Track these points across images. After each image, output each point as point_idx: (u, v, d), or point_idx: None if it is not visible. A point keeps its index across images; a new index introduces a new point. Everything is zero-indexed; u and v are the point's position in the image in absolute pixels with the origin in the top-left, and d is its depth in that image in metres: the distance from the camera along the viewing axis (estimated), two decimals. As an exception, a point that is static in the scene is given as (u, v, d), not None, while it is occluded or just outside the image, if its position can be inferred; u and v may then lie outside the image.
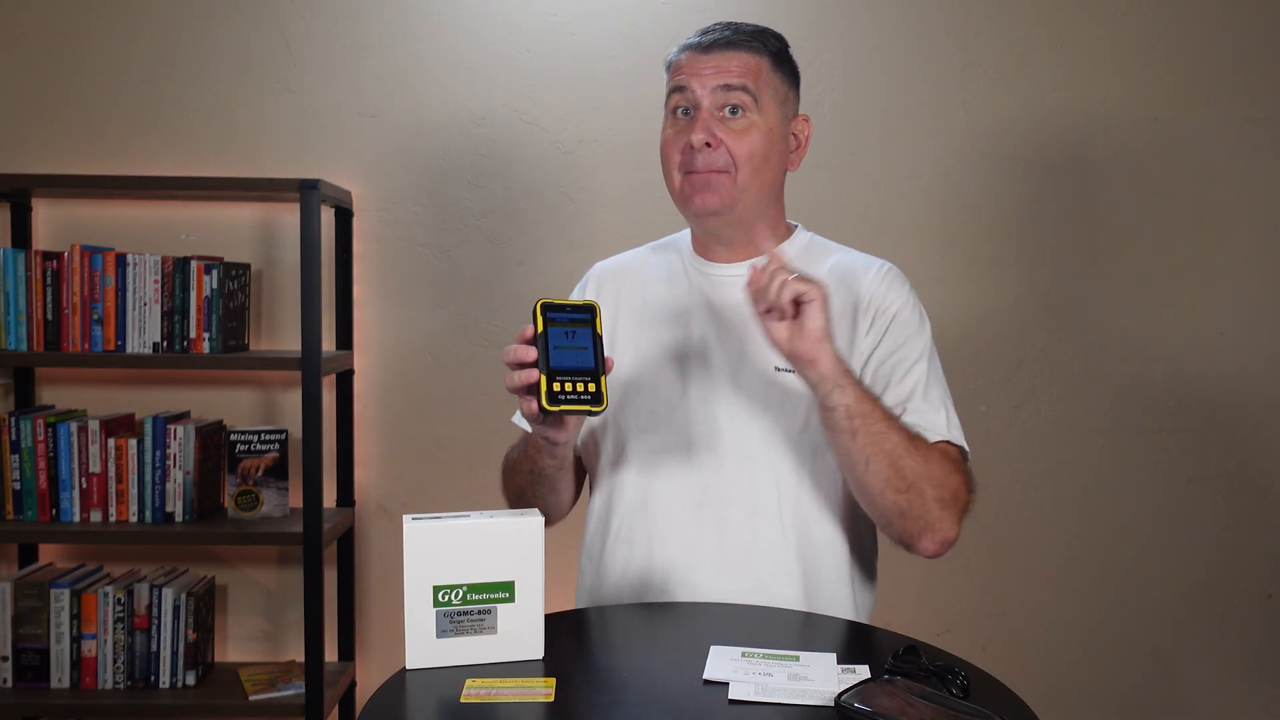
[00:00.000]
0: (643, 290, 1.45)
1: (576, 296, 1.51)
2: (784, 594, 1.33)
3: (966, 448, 1.33)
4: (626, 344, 1.42)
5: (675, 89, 1.36)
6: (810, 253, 1.43)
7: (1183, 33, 2.45)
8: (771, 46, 1.37)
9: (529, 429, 1.43)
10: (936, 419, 1.31)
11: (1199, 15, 2.44)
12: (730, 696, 0.99)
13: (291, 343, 2.42)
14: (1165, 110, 2.46)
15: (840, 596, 1.36)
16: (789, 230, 1.46)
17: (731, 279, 1.39)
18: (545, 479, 1.36)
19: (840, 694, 0.95)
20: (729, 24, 1.37)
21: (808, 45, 2.43)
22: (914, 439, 1.25)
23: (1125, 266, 2.48)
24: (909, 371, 1.33)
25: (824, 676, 1.03)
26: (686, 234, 1.48)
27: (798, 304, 1.16)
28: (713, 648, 1.09)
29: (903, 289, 1.38)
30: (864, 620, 1.40)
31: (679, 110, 1.36)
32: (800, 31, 2.42)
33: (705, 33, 1.36)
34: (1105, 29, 2.44)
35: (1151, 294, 2.49)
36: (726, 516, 1.34)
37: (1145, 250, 2.48)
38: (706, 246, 1.43)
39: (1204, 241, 2.48)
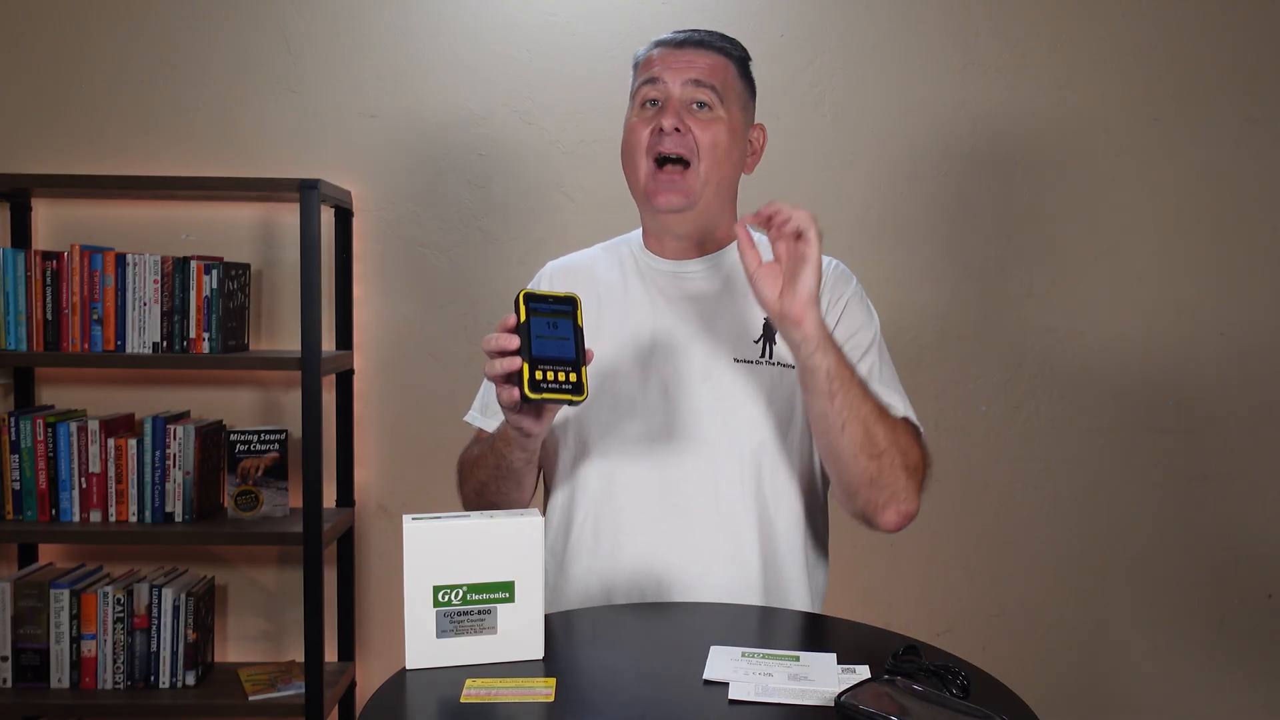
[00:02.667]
0: (596, 288, 1.47)
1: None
2: (746, 582, 1.36)
3: (922, 429, 1.40)
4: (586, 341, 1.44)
5: (647, 81, 1.40)
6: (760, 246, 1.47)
7: (1182, 33, 2.45)
8: (738, 53, 1.45)
9: (488, 428, 1.47)
10: (895, 399, 1.37)
11: (1199, 15, 2.44)
12: (730, 696, 0.99)
13: (291, 343, 2.42)
14: (1165, 110, 2.46)
15: (796, 581, 1.40)
16: None
17: (685, 274, 1.45)
18: (512, 473, 1.36)
19: (840, 694, 0.95)
20: (696, 29, 1.44)
21: (808, 45, 2.43)
22: (883, 409, 1.30)
23: (1125, 266, 2.48)
24: (861, 359, 1.39)
25: (824, 676, 1.03)
26: (637, 232, 1.52)
27: (796, 238, 1.21)
28: (713, 648, 1.09)
29: (850, 283, 1.45)
30: (819, 601, 1.45)
31: (648, 102, 1.41)
32: (800, 31, 2.43)
33: (676, 33, 1.44)
34: (1105, 29, 2.45)
35: (1151, 294, 2.49)
36: (690, 507, 1.37)
37: (1145, 250, 2.48)
38: (659, 243, 1.47)
39: (1204, 241, 2.48)
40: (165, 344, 2.24)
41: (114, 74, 2.41)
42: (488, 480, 1.40)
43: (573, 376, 1.13)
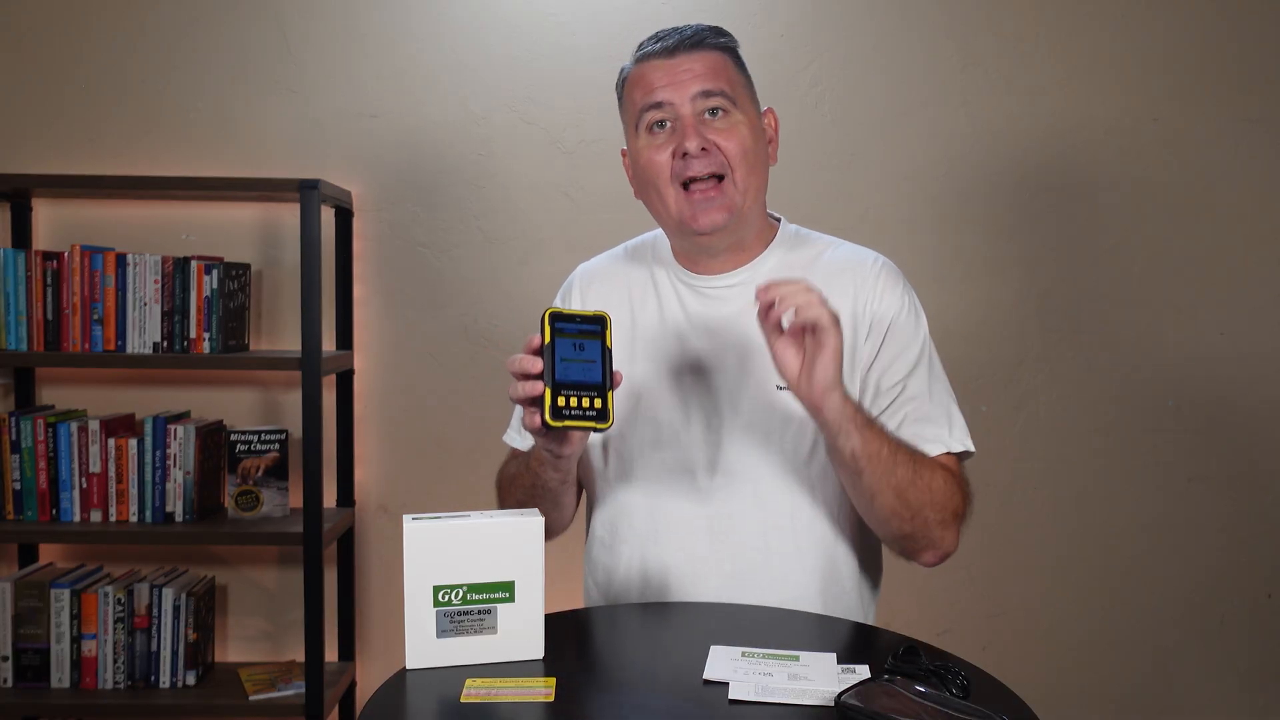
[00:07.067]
0: (630, 303, 1.39)
1: (560, 301, 1.47)
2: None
3: (971, 447, 1.32)
4: (619, 361, 1.35)
5: (650, 106, 1.30)
6: (798, 245, 1.40)
7: (1182, 33, 2.45)
8: (731, 43, 1.34)
9: (523, 446, 1.41)
10: (939, 430, 1.30)
11: (1198, 16, 2.44)
12: (730, 696, 0.99)
13: (291, 343, 2.42)
14: (1165, 110, 2.46)
15: (854, 613, 1.36)
16: (773, 226, 1.42)
17: (723, 290, 1.36)
18: (548, 493, 1.31)
19: (840, 694, 0.95)
20: (679, 28, 1.32)
21: (808, 45, 2.43)
22: (918, 465, 1.23)
23: (1125, 266, 2.48)
24: (910, 380, 1.31)
25: (824, 676, 1.03)
26: (662, 238, 1.43)
27: (812, 330, 1.11)
28: (713, 648, 1.09)
29: (898, 288, 1.34)
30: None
31: (656, 125, 1.30)
32: (800, 31, 2.43)
33: (660, 39, 1.32)
34: (1105, 29, 2.44)
35: (1151, 294, 2.49)
36: (741, 547, 1.32)
37: (1145, 250, 2.48)
38: (693, 258, 1.38)
39: (1204, 241, 2.48)
40: (165, 344, 2.24)
41: (114, 74, 2.41)
42: (525, 500, 1.34)
43: (598, 403, 1.07)
